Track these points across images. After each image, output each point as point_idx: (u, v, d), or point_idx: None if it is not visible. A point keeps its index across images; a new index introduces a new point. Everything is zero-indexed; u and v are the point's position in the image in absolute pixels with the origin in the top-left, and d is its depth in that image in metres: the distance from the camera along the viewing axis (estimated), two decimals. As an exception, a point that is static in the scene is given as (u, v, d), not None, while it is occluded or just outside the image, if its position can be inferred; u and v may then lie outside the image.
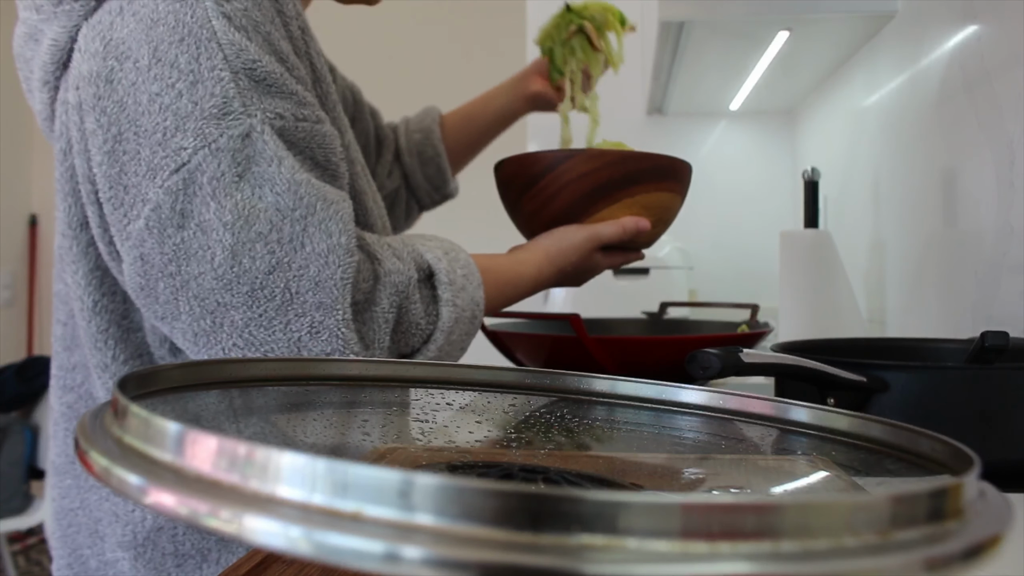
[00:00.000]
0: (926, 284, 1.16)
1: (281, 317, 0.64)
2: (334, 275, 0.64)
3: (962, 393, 0.59)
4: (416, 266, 0.72)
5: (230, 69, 0.64)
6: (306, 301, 0.64)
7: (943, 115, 1.08)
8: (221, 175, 0.63)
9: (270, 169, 0.64)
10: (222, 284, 0.63)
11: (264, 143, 0.64)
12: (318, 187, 0.66)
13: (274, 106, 0.66)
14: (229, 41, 0.64)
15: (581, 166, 0.86)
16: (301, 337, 0.64)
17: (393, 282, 0.69)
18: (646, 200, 0.88)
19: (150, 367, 0.41)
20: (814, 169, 1.30)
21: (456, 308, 0.72)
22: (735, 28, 1.41)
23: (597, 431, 0.53)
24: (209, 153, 0.63)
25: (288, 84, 0.67)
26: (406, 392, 0.55)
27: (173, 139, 0.63)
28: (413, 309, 0.70)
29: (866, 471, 0.42)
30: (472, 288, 0.75)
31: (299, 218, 0.64)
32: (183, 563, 0.74)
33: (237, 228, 0.63)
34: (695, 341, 0.90)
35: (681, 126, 2.21)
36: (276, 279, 0.63)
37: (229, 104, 0.64)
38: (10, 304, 3.62)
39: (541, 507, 0.21)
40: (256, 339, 0.64)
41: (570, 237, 0.87)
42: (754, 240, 2.13)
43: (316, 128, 0.68)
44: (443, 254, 0.74)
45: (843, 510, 0.22)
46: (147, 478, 0.24)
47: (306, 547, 0.21)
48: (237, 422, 0.47)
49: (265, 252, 0.63)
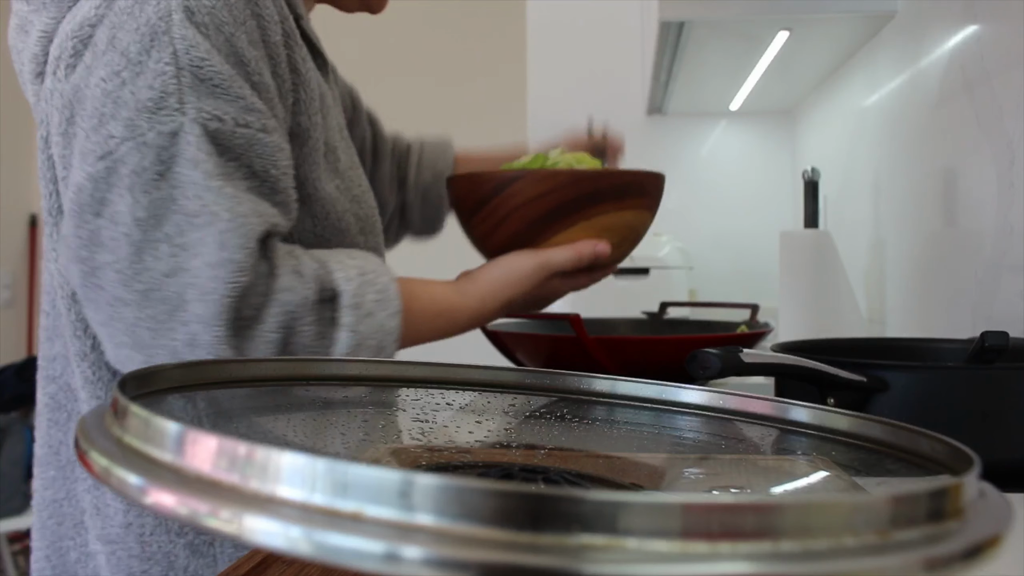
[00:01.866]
0: (926, 284, 1.16)
1: (167, 324, 0.63)
2: (219, 289, 0.62)
3: (962, 393, 0.59)
4: (318, 286, 0.67)
5: (176, 64, 0.63)
6: (190, 312, 0.62)
7: (943, 115, 1.08)
8: (143, 170, 0.62)
9: (188, 172, 0.63)
10: (121, 278, 0.63)
11: (188, 144, 0.63)
12: (229, 197, 0.63)
13: (214, 107, 0.64)
14: (182, 36, 0.64)
15: (530, 189, 0.79)
16: (179, 348, 0.63)
17: (283, 301, 0.65)
18: (605, 221, 0.82)
19: (150, 367, 0.41)
20: (814, 169, 1.30)
21: (356, 335, 0.68)
22: (735, 28, 1.41)
23: (597, 431, 0.53)
24: (135, 146, 0.63)
25: (236, 88, 0.65)
26: (406, 392, 0.55)
27: (106, 126, 0.63)
28: (304, 331, 0.66)
29: (866, 471, 0.42)
30: (383, 316, 0.70)
31: (201, 225, 0.62)
32: (148, 568, 0.72)
33: (147, 226, 0.62)
34: (695, 341, 0.90)
35: (681, 126, 2.21)
36: (172, 284, 0.62)
37: (166, 99, 0.63)
38: (10, 304, 3.62)
39: (541, 507, 0.21)
40: (141, 341, 0.63)
41: (519, 266, 0.80)
42: (754, 240, 2.13)
43: (258, 136, 0.66)
44: (357, 275, 0.70)
45: (843, 510, 0.22)
46: (147, 478, 0.24)
47: (306, 547, 0.21)
48: (237, 422, 0.47)
49: (168, 254, 0.62)
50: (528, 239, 0.82)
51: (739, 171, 2.19)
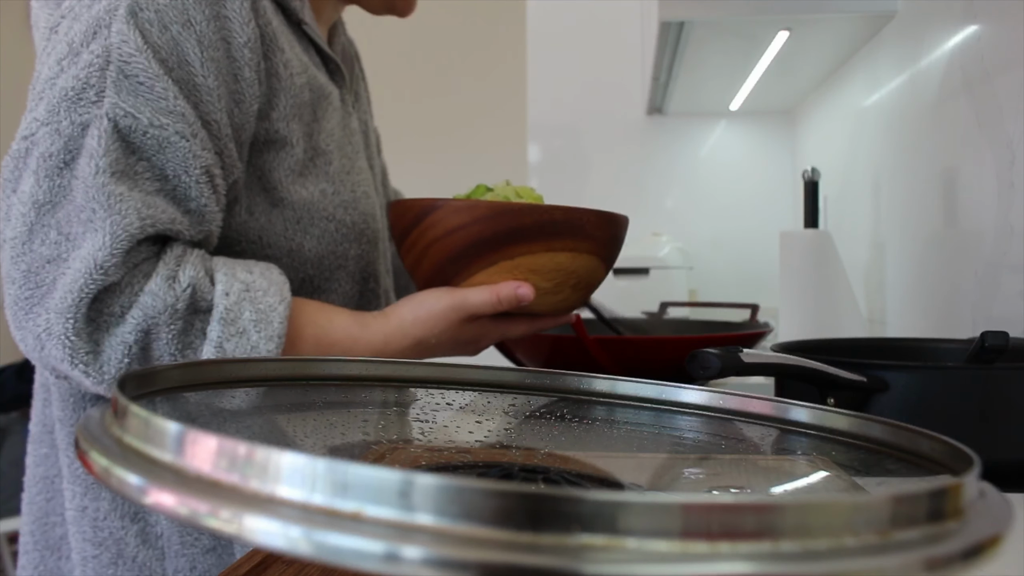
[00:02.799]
0: (926, 284, 1.16)
1: (37, 308, 0.64)
2: (78, 281, 0.62)
3: (962, 393, 0.59)
4: (190, 294, 0.66)
5: (106, 57, 0.65)
6: (54, 299, 0.63)
7: (943, 115, 1.08)
8: (50, 156, 0.64)
9: (87, 163, 0.64)
10: (12, 256, 0.64)
11: (94, 138, 0.64)
12: (111, 195, 0.63)
13: (131, 104, 0.64)
14: (119, 30, 0.65)
15: (449, 220, 0.73)
16: (41, 335, 0.64)
17: (143, 304, 0.64)
18: (533, 262, 0.73)
19: (150, 367, 0.41)
20: (814, 169, 1.30)
21: (221, 351, 0.66)
22: (735, 28, 1.41)
23: (597, 431, 0.53)
24: (49, 132, 0.64)
25: (159, 88, 0.65)
26: (406, 392, 0.55)
27: (36, 109, 0.66)
28: (162, 338, 0.65)
29: (866, 471, 0.42)
30: (257, 337, 0.67)
31: (84, 220, 0.63)
32: (99, 554, 0.73)
33: (43, 211, 0.64)
34: (695, 341, 0.90)
35: (681, 126, 2.21)
36: (50, 269, 0.63)
37: (86, 91, 0.64)
38: (10, 304, 3.62)
39: (541, 507, 0.21)
40: (17, 319, 0.65)
41: (431, 304, 0.75)
42: (754, 240, 2.14)
43: (172, 139, 0.66)
44: (240, 290, 0.68)
45: (843, 510, 0.22)
46: (147, 478, 0.24)
47: (306, 547, 0.21)
48: (237, 422, 0.47)
49: (54, 241, 0.64)
50: (447, 275, 0.75)
51: (739, 171, 2.19)
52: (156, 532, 0.74)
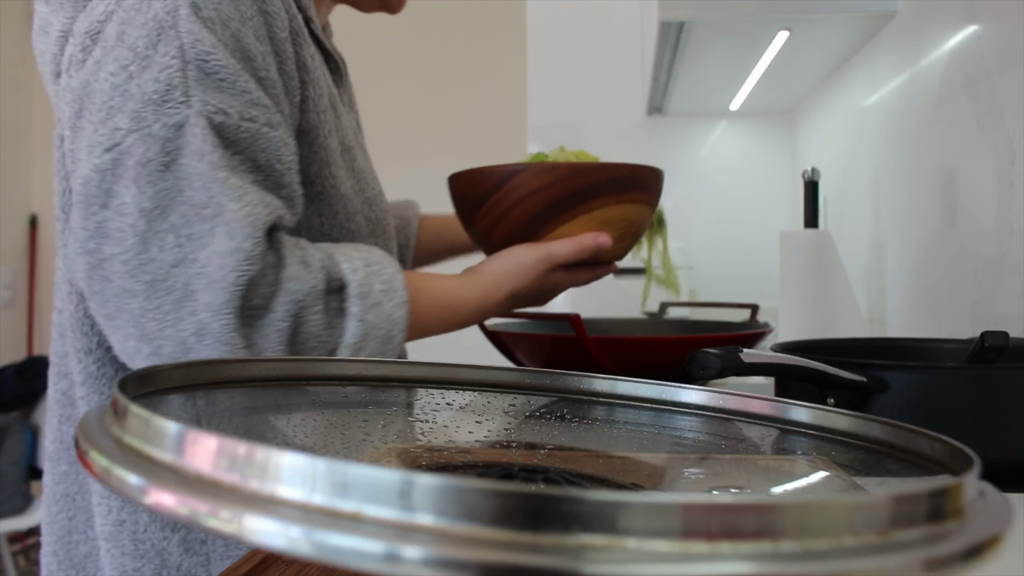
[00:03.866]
0: (926, 284, 1.16)
1: (175, 314, 0.63)
2: (227, 277, 0.62)
3: (962, 393, 0.59)
4: (326, 276, 0.68)
5: (182, 58, 0.64)
6: (199, 301, 0.62)
7: (943, 115, 1.08)
8: (148, 161, 0.63)
9: (194, 163, 0.63)
10: (127, 269, 0.63)
11: (194, 136, 0.64)
12: (235, 187, 0.64)
13: (219, 101, 0.65)
14: (188, 30, 0.65)
15: (531, 182, 0.80)
16: (188, 338, 0.63)
17: (291, 290, 0.66)
18: (606, 215, 0.83)
19: (150, 367, 0.41)
20: (814, 169, 1.30)
21: (365, 324, 0.68)
22: (735, 28, 1.41)
23: (597, 431, 0.53)
24: (140, 138, 0.63)
25: (241, 82, 0.66)
26: (406, 392, 0.55)
27: (113, 119, 0.64)
28: (312, 320, 0.67)
29: (866, 471, 0.42)
30: (391, 306, 0.70)
31: (209, 216, 0.63)
32: (141, 566, 0.73)
33: (153, 216, 0.63)
34: (695, 341, 0.90)
35: (681, 126, 2.21)
36: (179, 274, 0.63)
37: (171, 92, 0.64)
38: (10, 304, 3.62)
39: (541, 507, 0.21)
40: (149, 332, 0.63)
41: (521, 259, 0.81)
42: (754, 240, 2.13)
43: (263, 131, 0.67)
44: (363, 266, 0.71)
45: (843, 510, 0.22)
46: (147, 478, 0.24)
47: (306, 547, 0.21)
48: (237, 422, 0.47)
49: (174, 245, 0.63)
50: (530, 232, 0.83)
51: (739, 171, 2.19)
52: (199, 538, 0.74)
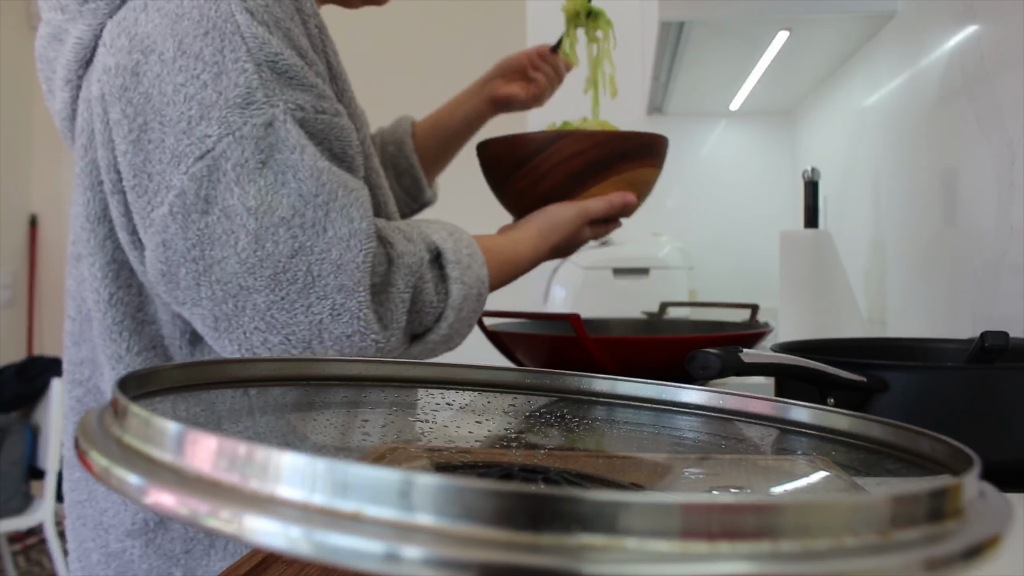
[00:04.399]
0: (926, 284, 1.16)
1: (303, 300, 0.66)
2: (356, 258, 0.67)
3: (962, 393, 0.59)
4: (426, 247, 0.74)
5: (253, 61, 0.66)
6: (328, 284, 0.66)
7: (943, 115, 1.08)
8: (245, 162, 0.65)
9: (292, 156, 0.66)
10: (245, 268, 0.66)
11: (287, 131, 0.66)
12: (339, 175, 0.68)
13: (295, 98, 0.68)
14: (252, 35, 0.67)
15: (572, 146, 0.90)
16: (323, 319, 0.67)
17: (407, 264, 0.71)
18: (631, 176, 0.93)
19: (150, 367, 0.41)
20: (814, 169, 1.30)
21: (464, 285, 0.76)
22: (735, 28, 1.41)
23: (597, 431, 0.53)
24: (233, 140, 0.65)
25: (308, 78, 0.69)
26: (406, 392, 0.55)
27: (198, 127, 0.65)
28: (426, 288, 0.73)
29: (866, 471, 0.42)
30: (477, 266, 0.78)
31: (321, 204, 0.66)
32: (192, 548, 0.75)
33: (260, 213, 0.65)
34: (695, 341, 0.90)
35: (681, 126, 2.21)
36: (298, 263, 0.66)
37: (253, 94, 0.66)
38: (10, 304, 3.62)
39: (541, 507, 0.21)
40: (278, 321, 0.67)
41: (561, 214, 0.91)
42: (754, 240, 2.13)
43: (334, 121, 0.71)
44: (447, 235, 0.77)
45: (843, 510, 0.22)
46: (147, 478, 0.24)
47: (306, 547, 0.21)
48: (237, 422, 0.47)
49: (288, 236, 0.66)
50: (566, 192, 0.92)
51: (739, 171, 2.19)
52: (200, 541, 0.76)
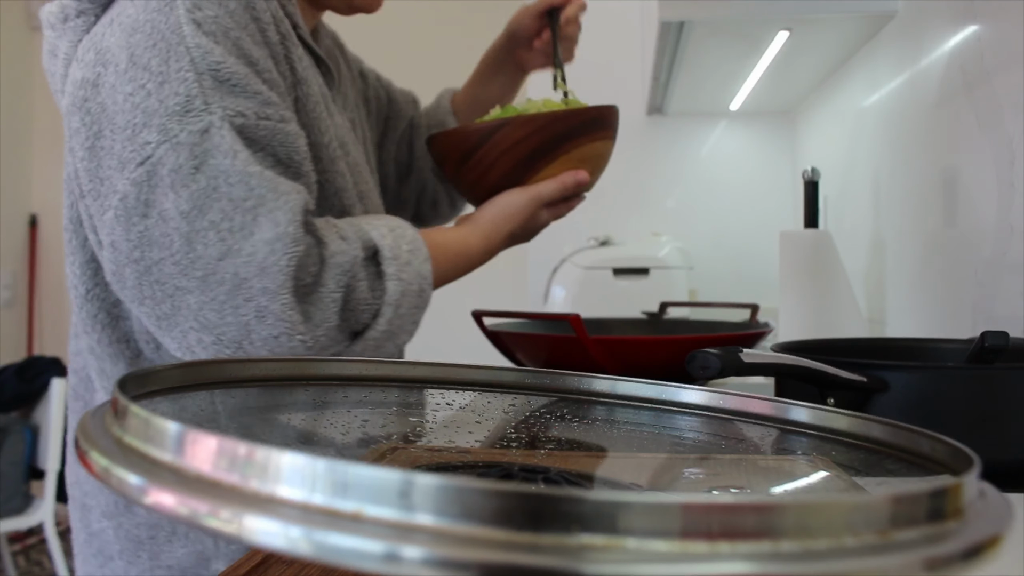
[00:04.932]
0: (926, 284, 1.16)
1: (231, 301, 0.67)
2: (279, 262, 0.67)
3: (962, 393, 0.59)
4: (362, 245, 0.74)
5: (195, 70, 0.68)
6: (253, 287, 0.67)
7: (943, 115, 1.08)
8: (179, 167, 0.67)
9: (225, 162, 0.67)
10: (179, 269, 0.68)
11: (222, 138, 0.68)
12: (270, 179, 0.69)
13: (236, 105, 0.69)
14: (196, 44, 0.69)
15: (514, 133, 0.88)
16: (250, 321, 0.68)
17: (338, 263, 0.71)
18: (580, 153, 0.91)
19: (150, 367, 0.41)
20: (814, 169, 1.30)
21: (402, 282, 0.75)
22: (735, 28, 1.41)
23: (597, 431, 0.53)
24: (170, 147, 0.67)
25: (252, 85, 0.71)
26: (406, 392, 0.55)
27: (140, 135, 0.68)
28: (359, 287, 0.73)
29: (866, 471, 0.42)
30: (418, 263, 0.77)
31: (249, 208, 0.67)
32: (156, 534, 0.78)
33: (192, 217, 0.67)
34: (695, 341, 0.90)
35: (681, 126, 2.21)
36: (227, 265, 0.67)
37: (191, 102, 0.68)
38: (10, 304, 3.62)
39: (541, 507, 0.21)
40: (209, 322, 0.68)
41: (514, 202, 0.90)
42: (754, 240, 2.13)
43: (279, 127, 0.72)
44: (388, 231, 0.77)
45: (843, 510, 0.22)
46: (147, 478, 0.24)
47: (306, 547, 0.21)
48: (237, 422, 0.47)
49: (216, 240, 0.67)
50: (517, 178, 0.90)
51: (739, 171, 2.19)
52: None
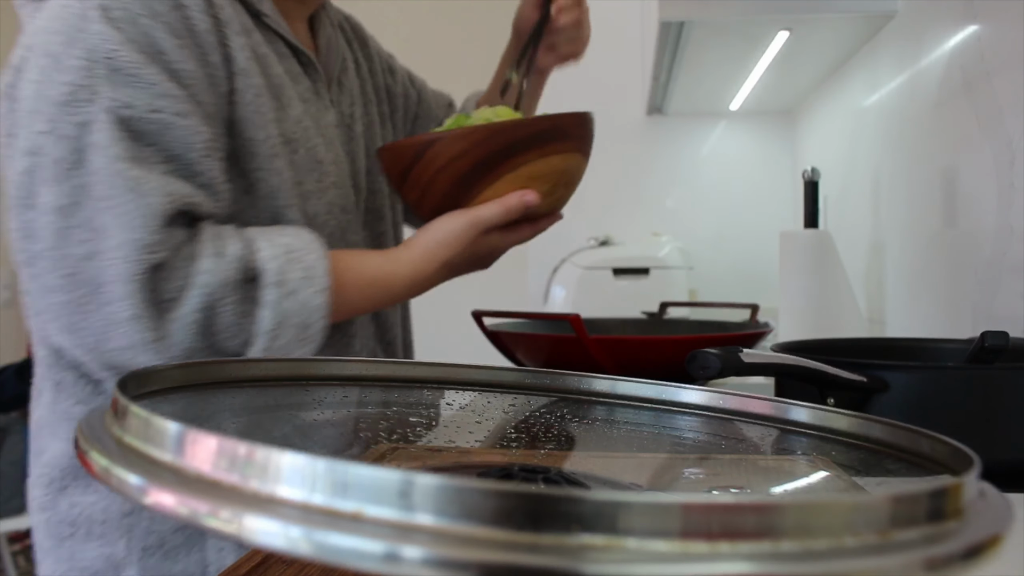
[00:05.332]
0: (926, 284, 1.16)
1: (92, 303, 0.66)
2: (129, 268, 0.65)
3: (962, 393, 0.59)
4: (240, 267, 0.69)
5: (89, 58, 0.67)
6: (110, 292, 0.65)
7: (943, 115, 1.08)
8: (59, 160, 0.66)
9: (99, 159, 0.66)
10: (49, 265, 0.66)
11: (100, 132, 0.66)
12: (134, 179, 0.66)
13: (126, 95, 0.67)
14: (97, 31, 0.67)
15: (450, 149, 0.78)
16: (106, 327, 0.66)
17: (201, 283, 0.67)
18: (532, 170, 0.80)
19: (150, 367, 0.41)
20: (814, 169, 1.30)
21: (279, 313, 0.70)
22: (735, 28, 1.41)
23: (597, 431, 0.53)
24: (55, 139, 0.66)
25: (148, 75, 0.68)
26: (406, 392, 0.55)
27: (35, 123, 0.67)
28: (225, 311, 0.68)
29: (866, 471, 0.42)
30: (307, 293, 0.72)
31: (108, 208, 0.65)
32: (75, 531, 0.76)
33: (66, 213, 0.65)
34: (695, 341, 0.90)
35: (681, 126, 2.21)
36: (89, 267, 0.65)
37: (77, 93, 0.66)
38: (10, 304, 3.62)
39: (541, 507, 0.21)
40: (72, 323, 0.67)
41: (449, 227, 0.81)
42: (754, 240, 2.13)
43: (173, 120, 0.69)
44: (283, 253, 0.72)
45: (843, 510, 0.22)
46: (147, 478, 0.24)
47: (306, 547, 0.21)
48: (237, 422, 0.47)
49: (84, 239, 0.65)
50: (457, 199, 0.81)
51: (739, 171, 2.19)
52: None
